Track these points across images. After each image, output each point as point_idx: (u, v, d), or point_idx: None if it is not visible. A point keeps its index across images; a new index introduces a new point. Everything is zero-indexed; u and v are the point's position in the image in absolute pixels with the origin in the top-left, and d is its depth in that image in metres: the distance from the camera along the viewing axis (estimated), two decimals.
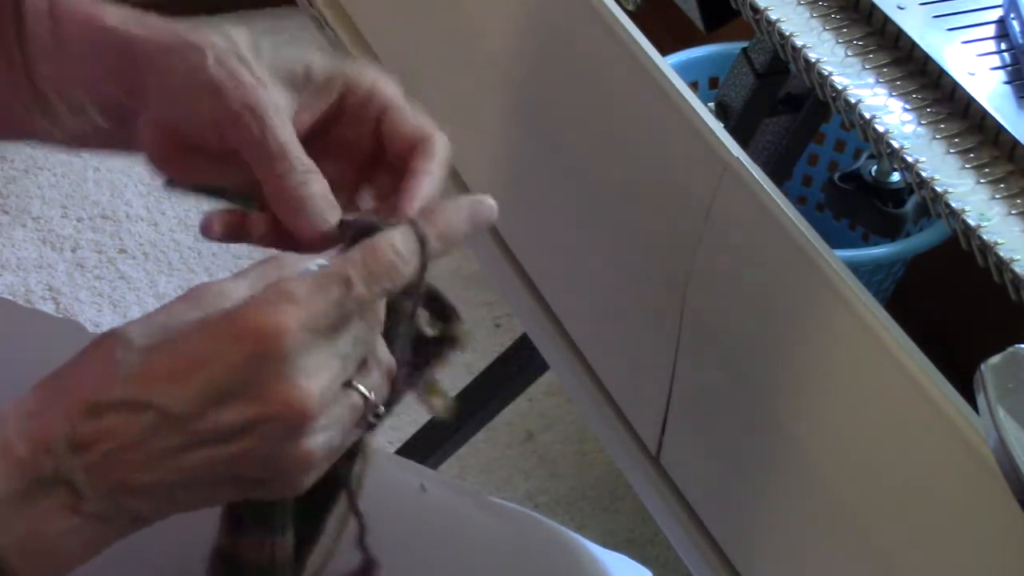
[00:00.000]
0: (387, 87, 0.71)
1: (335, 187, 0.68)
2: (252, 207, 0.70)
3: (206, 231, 0.70)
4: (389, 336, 0.64)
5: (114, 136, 0.72)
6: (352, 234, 0.64)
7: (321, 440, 0.60)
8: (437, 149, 0.69)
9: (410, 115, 0.70)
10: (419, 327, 0.67)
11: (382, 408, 0.63)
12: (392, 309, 0.64)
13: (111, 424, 0.57)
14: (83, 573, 0.60)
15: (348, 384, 0.61)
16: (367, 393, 0.62)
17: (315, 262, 0.62)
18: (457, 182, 1.20)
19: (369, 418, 0.62)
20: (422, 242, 0.62)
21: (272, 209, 0.68)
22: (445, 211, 0.65)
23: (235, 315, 0.58)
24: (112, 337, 0.59)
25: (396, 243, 0.61)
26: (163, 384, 0.57)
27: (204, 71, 0.67)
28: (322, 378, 0.59)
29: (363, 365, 0.62)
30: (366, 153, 0.71)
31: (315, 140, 0.70)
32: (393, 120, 0.70)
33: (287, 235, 0.68)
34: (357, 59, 0.72)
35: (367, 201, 0.73)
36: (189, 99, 0.68)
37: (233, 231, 0.70)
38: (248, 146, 0.67)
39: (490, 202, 0.66)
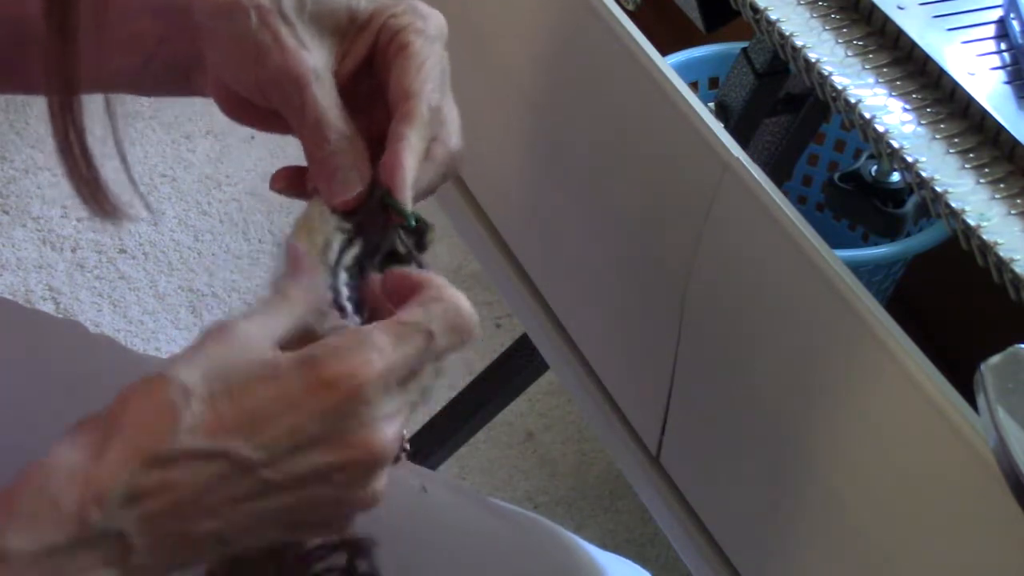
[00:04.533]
0: (417, 32, 0.69)
1: (381, 130, 0.68)
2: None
3: (272, 185, 0.71)
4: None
5: (171, 84, 0.73)
6: (378, 197, 0.67)
7: (385, 483, 0.60)
8: (416, 115, 0.67)
9: (412, 67, 0.68)
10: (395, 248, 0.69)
11: (408, 446, 0.64)
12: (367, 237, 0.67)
13: (177, 475, 0.55)
14: None
15: None
16: (407, 443, 0.63)
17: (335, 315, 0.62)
18: (457, 182, 1.20)
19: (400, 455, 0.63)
20: None
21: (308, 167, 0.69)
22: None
23: (316, 363, 0.57)
24: (164, 383, 0.56)
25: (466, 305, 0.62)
26: (238, 433, 0.56)
27: (248, 34, 0.67)
28: (397, 425, 0.59)
29: None
30: None
31: (360, 83, 0.70)
32: (397, 68, 0.69)
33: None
34: None
35: None
36: (235, 62, 0.68)
37: (292, 185, 0.71)
38: (288, 111, 0.68)
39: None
